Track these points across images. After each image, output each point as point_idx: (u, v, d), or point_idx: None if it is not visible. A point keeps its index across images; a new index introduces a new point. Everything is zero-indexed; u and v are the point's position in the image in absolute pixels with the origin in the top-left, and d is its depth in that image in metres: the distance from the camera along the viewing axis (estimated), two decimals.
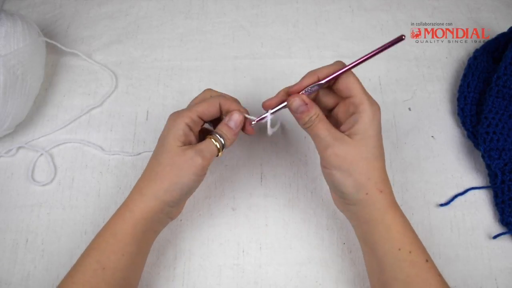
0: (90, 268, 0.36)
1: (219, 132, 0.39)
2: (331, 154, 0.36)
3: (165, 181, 0.37)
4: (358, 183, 0.36)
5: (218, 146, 0.38)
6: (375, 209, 0.36)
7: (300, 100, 0.37)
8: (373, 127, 0.35)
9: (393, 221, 0.36)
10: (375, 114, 0.35)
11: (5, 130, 0.49)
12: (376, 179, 0.36)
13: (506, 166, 0.47)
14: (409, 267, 0.35)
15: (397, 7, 0.61)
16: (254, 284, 0.44)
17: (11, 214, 0.47)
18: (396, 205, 0.37)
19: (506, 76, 0.49)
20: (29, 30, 0.49)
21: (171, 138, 0.37)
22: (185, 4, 0.61)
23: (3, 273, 0.44)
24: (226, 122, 0.39)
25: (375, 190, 0.36)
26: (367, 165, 0.35)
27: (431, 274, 0.35)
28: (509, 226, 0.45)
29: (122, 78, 0.56)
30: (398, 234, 0.36)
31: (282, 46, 0.58)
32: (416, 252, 0.35)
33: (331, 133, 0.36)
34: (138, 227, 0.37)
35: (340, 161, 0.35)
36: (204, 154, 0.37)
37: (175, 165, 0.36)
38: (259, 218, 0.47)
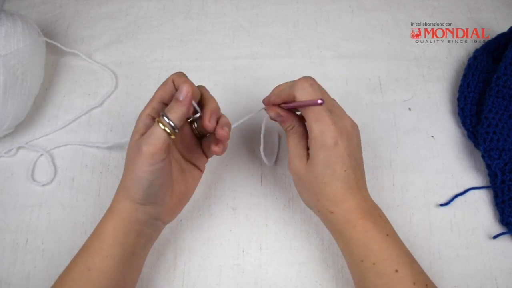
0: (78, 269, 0.36)
1: (165, 112, 0.34)
2: (291, 168, 0.39)
3: (127, 178, 0.36)
4: (310, 200, 0.39)
5: (166, 128, 0.33)
6: (331, 224, 0.38)
7: (276, 113, 0.39)
8: (321, 153, 0.35)
9: (351, 237, 0.36)
10: (323, 141, 0.35)
11: (5, 130, 0.49)
12: (325, 202, 0.37)
13: (506, 166, 0.47)
14: (375, 278, 0.35)
15: (397, 7, 0.61)
16: (254, 284, 0.44)
17: (11, 214, 0.47)
18: (356, 220, 0.36)
19: (506, 76, 0.49)
20: (29, 30, 0.49)
21: (133, 134, 0.37)
22: (185, 4, 0.61)
23: (3, 273, 0.44)
24: (176, 96, 0.35)
25: (325, 210, 0.37)
26: (315, 188, 0.37)
27: (401, 284, 0.34)
28: (509, 226, 0.45)
29: (122, 78, 0.56)
30: (357, 248, 0.36)
31: (282, 46, 0.58)
32: (382, 264, 0.35)
33: (295, 150, 0.38)
34: (118, 228, 0.36)
35: (296, 177, 0.39)
36: (149, 140, 0.33)
37: (130, 160, 0.35)
38: (259, 218, 0.47)
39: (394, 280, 0.35)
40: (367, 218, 0.37)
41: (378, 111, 0.53)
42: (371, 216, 0.37)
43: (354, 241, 0.36)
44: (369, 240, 0.36)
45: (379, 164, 0.50)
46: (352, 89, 0.54)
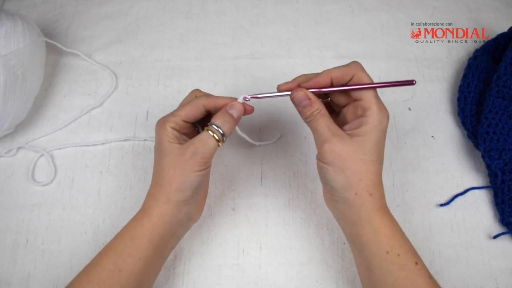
0: (107, 269, 0.36)
1: (216, 123, 0.38)
2: (327, 149, 0.36)
3: (173, 182, 0.37)
4: (349, 181, 0.36)
5: (216, 137, 0.37)
6: (362, 210, 0.36)
7: (304, 94, 0.37)
8: (375, 132, 0.35)
9: (380, 224, 0.36)
10: (381, 120, 0.35)
11: (5, 130, 0.49)
12: (368, 181, 0.36)
13: (506, 166, 0.47)
14: (397, 270, 0.35)
15: (397, 7, 0.61)
16: (254, 284, 0.44)
17: (11, 214, 0.47)
18: (385, 209, 0.37)
19: (506, 76, 0.49)
20: (29, 30, 0.49)
21: (166, 141, 0.37)
22: (185, 4, 0.61)
23: (3, 273, 0.44)
24: (227, 109, 0.39)
25: (364, 192, 0.36)
26: (360, 166, 0.36)
27: (421, 277, 0.35)
28: (509, 226, 0.45)
29: (122, 78, 0.56)
30: (385, 237, 0.36)
31: (282, 46, 0.58)
32: (405, 255, 0.35)
33: (331, 129, 0.36)
34: (155, 231, 0.37)
35: (335, 157, 0.36)
36: (202, 149, 0.37)
37: (177, 166, 0.37)
38: (259, 218, 0.47)
39: (415, 273, 0.35)
40: (387, 209, 0.37)
41: None
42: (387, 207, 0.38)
43: (383, 229, 0.36)
44: (396, 229, 0.36)
45: None
46: None
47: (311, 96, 0.37)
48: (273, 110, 0.52)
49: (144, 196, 0.47)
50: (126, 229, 0.38)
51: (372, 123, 0.35)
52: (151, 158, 0.50)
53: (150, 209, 0.38)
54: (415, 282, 0.35)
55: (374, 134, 0.35)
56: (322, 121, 0.37)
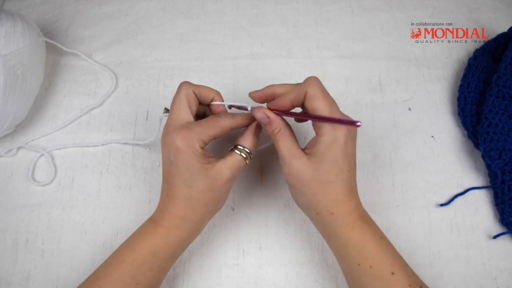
0: (123, 281, 0.36)
1: (244, 144, 0.39)
2: (287, 172, 0.37)
3: (208, 206, 0.38)
4: (309, 203, 0.37)
5: (244, 156, 0.39)
6: (327, 227, 0.38)
7: (263, 113, 0.38)
8: (331, 151, 0.35)
9: (348, 239, 0.36)
10: (335, 138, 0.35)
11: (5, 130, 0.49)
12: (327, 202, 0.36)
13: (506, 166, 0.47)
14: (372, 281, 0.35)
15: (397, 7, 0.61)
16: (254, 284, 0.44)
17: (11, 214, 0.47)
18: (355, 223, 0.37)
19: (506, 76, 0.49)
20: (29, 30, 0.49)
21: (196, 161, 0.36)
22: (185, 4, 0.61)
23: (3, 273, 0.44)
24: (254, 130, 0.40)
25: (325, 212, 0.36)
26: (318, 188, 0.36)
27: (398, 286, 0.35)
28: (509, 226, 0.45)
29: (122, 78, 0.56)
30: (354, 251, 0.36)
31: (282, 46, 0.58)
32: (378, 266, 0.35)
33: (290, 150, 0.36)
34: (179, 249, 0.39)
35: (294, 180, 0.37)
36: (237, 173, 0.38)
37: (215, 189, 0.37)
38: (259, 218, 0.47)
39: (391, 283, 0.35)
40: (363, 221, 0.37)
41: (378, 111, 0.53)
42: (366, 218, 0.38)
43: (351, 243, 0.36)
44: (366, 242, 0.36)
45: (379, 164, 0.50)
46: (352, 89, 0.54)
47: (270, 115, 0.38)
48: None
49: (144, 196, 0.48)
50: (144, 244, 0.37)
51: (325, 142, 0.35)
52: (151, 158, 0.50)
53: (177, 229, 0.37)
54: None
55: (329, 153, 0.35)
56: (281, 143, 0.37)
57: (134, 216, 0.47)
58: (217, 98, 0.41)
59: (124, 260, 0.37)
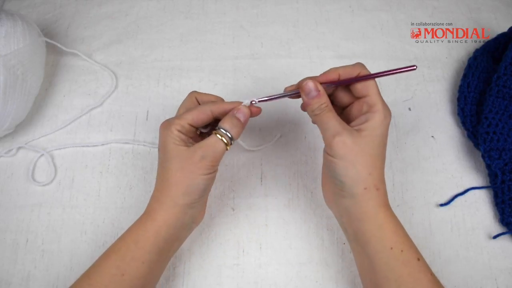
0: (109, 273, 0.36)
1: (225, 126, 0.38)
2: (339, 142, 0.35)
3: (180, 185, 0.37)
4: (359, 175, 0.36)
5: (225, 141, 0.37)
6: (369, 206, 0.36)
7: (314, 84, 0.37)
8: (381, 128, 0.36)
9: (385, 220, 0.36)
10: (386, 116, 0.36)
11: (5, 130, 0.49)
12: (376, 176, 0.36)
13: (506, 166, 0.47)
14: (401, 266, 0.35)
15: (397, 7, 0.61)
16: (254, 284, 0.44)
17: (11, 214, 0.47)
18: (389, 205, 0.37)
19: (506, 76, 0.49)
20: (29, 30, 0.49)
21: (171, 143, 0.37)
22: (185, 4, 0.61)
23: (3, 273, 0.44)
24: (235, 113, 0.39)
25: (373, 186, 0.36)
26: (369, 160, 0.36)
27: (423, 273, 0.35)
28: (509, 226, 0.45)
29: (122, 78, 0.56)
30: (390, 233, 0.36)
31: (282, 46, 0.58)
32: (408, 251, 0.35)
33: (340, 123, 0.36)
34: (160, 235, 0.37)
35: (346, 151, 0.35)
36: (211, 152, 0.37)
37: (185, 168, 0.37)
38: (259, 218, 0.47)
39: (417, 269, 0.35)
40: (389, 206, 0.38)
41: None
42: None
43: (387, 225, 0.36)
44: (399, 225, 0.37)
45: None
46: None
47: (320, 88, 0.37)
48: (273, 110, 0.52)
49: (144, 196, 0.48)
50: (129, 232, 0.38)
51: (379, 118, 0.36)
52: (151, 158, 0.50)
53: (154, 212, 0.38)
54: (418, 279, 0.35)
55: (380, 129, 0.36)
56: (330, 115, 0.37)
57: (134, 216, 0.47)
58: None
59: (111, 251, 0.37)
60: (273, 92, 0.41)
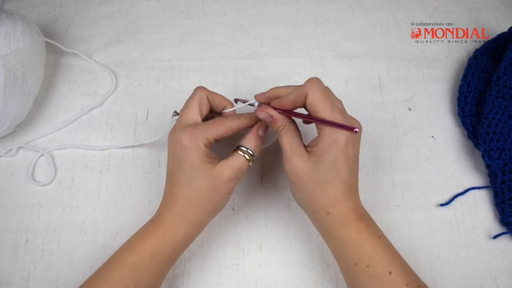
0: (122, 283, 0.36)
1: (247, 145, 0.39)
2: (288, 168, 0.37)
3: (209, 205, 0.38)
4: (307, 201, 0.38)
5: (247, 157, 0.39)
6: (323, 226, 0.38)
7: (266, 113, 0.38)
8: (330, 152, 0.35)
9: (345, 239, 0.36)
10: (335, 140, 0.35)
11: (5, 130, 0.49)
12: (323, 202, 0.36)
13: (506, 166, 0.47)
14: (368, 280, 0.35)
15: (397, 7, 0.61)
16: (254, 284, 0.44)
17: (11, 214, 0.47)
18: (352, 223, 0.37)
19: (506, 76, 0.49)
20: (29, 30, 0.49)
21: (198, 160, 0.37)
22: (185, 4, 0.61)
23: (3, 273, 0.44)
24: (257, 131, 0.40)
25: (321, 211, 0.37)
26: (315, 187, 0.36)
27: (395, 285, 0.35)
28: (509, 226, 0.45)
29: (122, 78, 0.56)
30: (351, 250, 0.36)
31: (282, 46, 0.58)
32: (375, 265, 0.35)
33: (292, 147, 0.37)
34: (177, 249, 0.38)
35: (293, 176, 0.37)
36: (239, 174, 0.38)
37: (214, 189, 0.37)
38: (259, 218, 0.47)
39: (388, 282, 0.35)
40: (360, 221, 0.37)
41: (378, 111, 0.53)
42: (364, 218, 0.38)
43: (348, 243, 0.36)
44: (363, 242, 0.36)
45: (379, 164, 0.50)
46: (352, 89, 0.54)
47: (273, 113, 0.38)
48: None
49: (144, 196, 0.48)
50: (142, 245, 0.37)
51: (325, 143, 0.35)
52: (151, 158, 0.50)
53: (175, 228, 0.37)
54: None
55: (328, 154, 0.35)
56: (284, 139, 0.38)
57: (134, 216, 0.47)
58: (229, 106, 0.42)
59: (123, 262, 0.37)
60: None
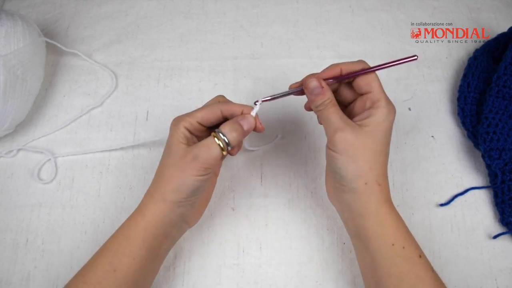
0: (102, 269, 0.36)
1: (223, 130, 0.37)
2: (340, 137, 0.36)
3: (170, 182, 0.37)
4: (360, 170, 0.36)
5: (221, 145, 0.36)
6: (370, 201, 0.36)
7: (317, 82, 0.37)
8: (384, 123, 0.36)
9: (387, 216, 0.36)
10: (389, 112, 0.36)
11: (5, 130, 0.49)
12: (377, 171, 0.36)
13: (506, 166, 0.47)
14: (402, 262, 0.35)
15: (397, 7, 0.61)
16: (254, 284, 0.44)
17: (11, 214, 0.47)
18: (390, 201, 0.37)
19: (506, 76, 0.49)
20: (29, 30, 0.49)
21: (174, 140, 0.37)
22: (185, 4, 0.61)
23: (3, 273, 0.44)
24: (239, 120, 0.38)
25: (374, 182, 0.36)
26: (371, 155, 0.36)
27: (424, 270, 0.35)
28: (509, 226, 0.45)
29: (122, 78, 0.56)
30: (391, 229, 0.36)
31: (282, 46, 0.58)
32: (409, 247, 0.35)
33: (343, 118, 0.37)
34: (149, 231, 0.37)
35: (347, 145, 0.36)
36: (204, 154, 0.36)
37: (177, 165, 0.37)
38: (259, 218, 0.47)
39: (419, 266, 0.35)
40: (392, 202, 0.37)
41: None
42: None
43: (388, 221, 0.36)
44: (401, 222, 0.37)
45: None
46: None
47: (324, 84, 0.37)
48: (273, 110, 0.52)
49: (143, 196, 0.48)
50: (121, 228, 0.38)
51: (382, 114, 0.36)
52: (151, 158, 0.50)
53: (145, 208, 0.38)
54: (419, 275, 0.35)
55: (383, 124, 0.36)
56: (334, 110, 0.37)
57: None
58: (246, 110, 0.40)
59: (104, 247, 0.37)
60: (273, 92, 0.41)
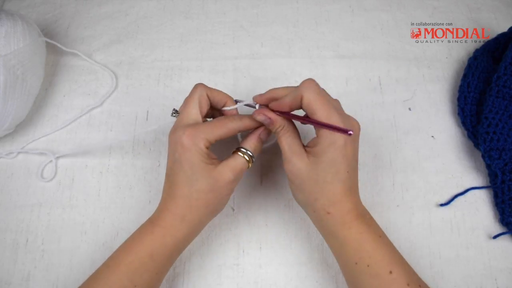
0: (121, 284, 0.36)
1: (250, 149, 0.39)
2: (287, 168, 0.38)
3: (210, 206, 0.38)
4: (307, 200, 0.38)
5: (250, 163, 0.39)
6: (324, 226, 0.38)
7: (263, 116, 0.38)
8: (329, 153, 0.35)
9: (345, 238, 0.36)
10: (333, 141, 0.35)
11: (5, 130, 0.49)
12: (323, 201, 0.36)
13: (506, 166, 0.47)
14: (369, 279, 0.35)
15: (397, 7, 0.61)
16: (254, 284, 0.44)
17: (11, 214, 0.47)
18: (352, 222, 0.37)
19: (506, 76, 0.49)
20: (29, 30, 0.49)
21: (200, 161, 0.36)
22: (185, 4, 0.61)
23: (3, 273, 0.44)
24: (259, 135, 0.40)
25: (321, 210, 0.37)
26: (315, 187, 0.36)
27: (395, 285, 0.35)
28: (509, 226, 0.45)
29: (122, 78, 0.56)
30: (352, 250, 0.36)
31: (282, 46, 0.58)
32: (376, 265, 0.35)
33: (291, 147, 0.37)
34: (176, 250, 0.38)
35: (293, 176, 0.38)
36: (240, 175, 0.38)
37: (215, 191, 0.37)
38: (259, 218, 0.47)
39: (389, 281, 0.35)
40: (361, 220, 0.37)
41: (378, 111, 0.53)
42: (364, 218, 0.38)
43: (349, 242, 0.36)
44: (364, 242, 0.36)
45: (379, 164, 0.50)
46: (352, 89, 0.54)
47: (271, 115, 0.38)
48: None
49: (144, 196, 0.48)
50: (142, 246, 0.37)
51: (323, 144, 0.35)
52: (151, 158, 0.50)
53: (174, 230, 0.37)
54: None
55: (327, 154, 0.35)
56: (284, 139, 0.38)
57: (134, 216, 0.47)
58: (230, 103, 0.42)
59: (122, 263, 0.36)
60: None
